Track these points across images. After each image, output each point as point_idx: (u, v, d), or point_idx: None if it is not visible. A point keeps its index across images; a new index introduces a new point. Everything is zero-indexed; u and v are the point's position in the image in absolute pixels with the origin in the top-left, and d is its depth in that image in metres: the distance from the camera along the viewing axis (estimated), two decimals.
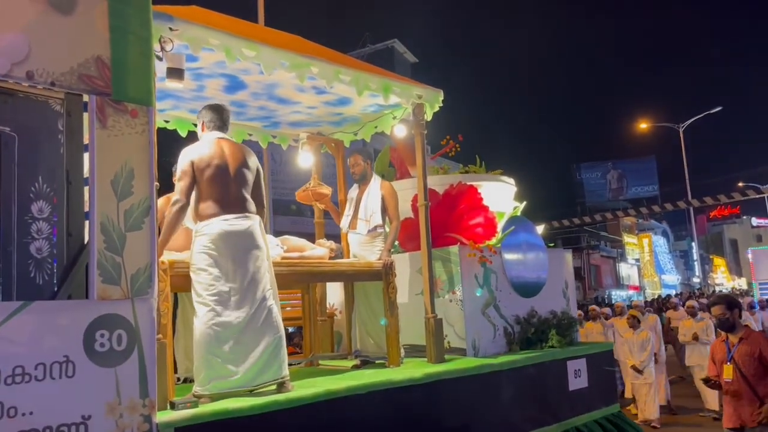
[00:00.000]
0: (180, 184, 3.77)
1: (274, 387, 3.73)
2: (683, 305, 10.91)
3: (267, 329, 3.74)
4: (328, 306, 5.82)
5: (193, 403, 3.34)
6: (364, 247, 5.15)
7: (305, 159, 5.79)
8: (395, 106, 5.23)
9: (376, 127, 5.62)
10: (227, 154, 3.87)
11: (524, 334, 5.65)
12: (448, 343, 5.29)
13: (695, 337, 8.56)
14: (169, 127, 5.19)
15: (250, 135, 5.66)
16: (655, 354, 8.47)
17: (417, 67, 36.14)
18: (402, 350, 5.10)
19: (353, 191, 5.34)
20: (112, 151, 3.00)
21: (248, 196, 3.89)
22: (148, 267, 3.06)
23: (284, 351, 3.81)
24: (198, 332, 3.58)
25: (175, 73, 3.77)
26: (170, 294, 3.66)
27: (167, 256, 4.00)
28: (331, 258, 4.94)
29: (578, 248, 38.54)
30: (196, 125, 5.27)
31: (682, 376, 10.90)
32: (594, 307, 10.63)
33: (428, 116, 5.18)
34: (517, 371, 5.06)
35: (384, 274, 4.83)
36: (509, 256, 5.73)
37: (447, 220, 5.87)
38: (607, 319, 9.80)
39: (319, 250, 4.80)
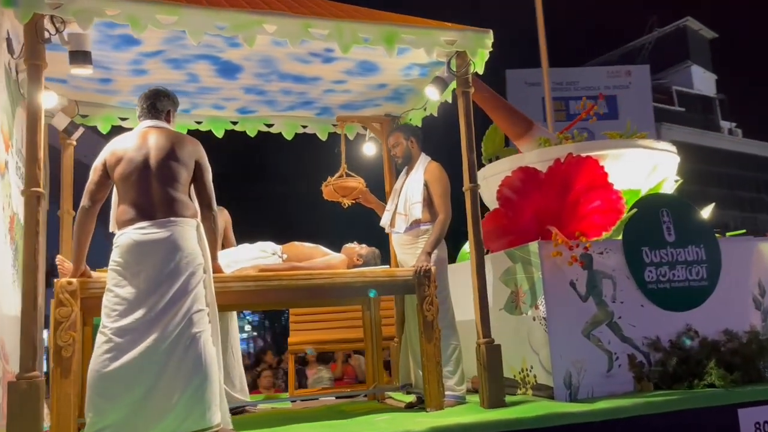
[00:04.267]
0: (87, 185, 3.17)
1: None
2: None
3: (187, 364, 2.89)
4: None
5: None
6: (405, 249, 3.97)
7: (370, 149, 4.81)
8: (439, 63, 3.98)
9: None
10: (150, 146, 3.14)
11: (665, 366, 3.85)
12: (534, 377, 3.81)
13: None
14: (202, 128, 4.68)
15: (305, 127, 4.87)
16: None
17: (716, 43, 31.68)
18: (465, 386, 3.81)
19: (400, 180, 4.20)
20: None
21: (179, 196, 3.10)
22: None
23: (212, 392, 2.91)
24: (90, 367, 2.89)
25: (80, 57, 3.19)
26: (80, 321, 3.04)
27: None
28: (354, 266, 3.90)
29: None
30: (235, 122, 4.77)
31: None
32: None
33: (478, 68, 3.82)
34: (629, 425, 3.37)
35: (417, 286, 3.61)
36: (638, 252, 3.99)
37: (559, 208, 4.34)
38: None
39: (331, 258, 3.80)
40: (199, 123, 4.64)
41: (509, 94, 19.17)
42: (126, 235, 3.01)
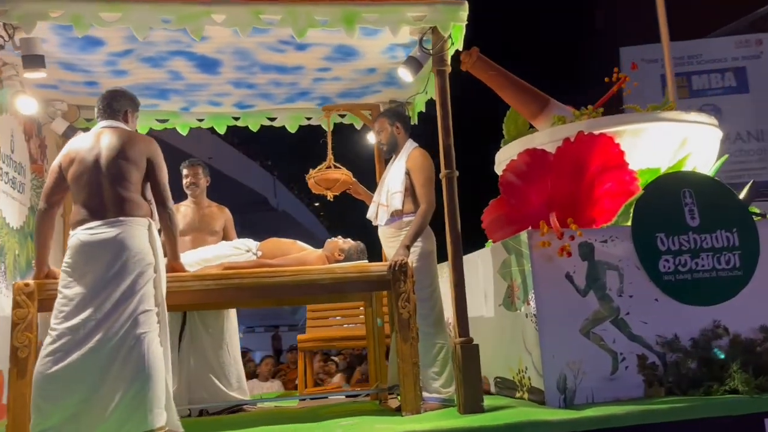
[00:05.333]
0: (44, 187, 3.21)
1: None
2: None
3: (131, 365, 2.85)
4: None
5: None
6: (389, 242, 3.73)
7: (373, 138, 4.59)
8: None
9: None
10: (102, 146, 3.12)
11: (681, 368, 3.38)
12: (529, 379, 3.47)
13: None
14: (204, 125, 4.67)
15: (309, 119, 4.74)
16: None
17: None
18: (453, 387, 3.54)
19: (387, 169, 3.96)
20: None
21: (130, 196, 3.06)
22: None
23: (155, 394, 2.85)
24: (35, 369, 2.91)
25: (33, 60, 3.23)
26: (37, 321, 3.08)
27: None
28: (335, 262, 3.72)
29: None
30: (237, 118, 4.73)
31: None
32: None
33: (456, 44, 3.53)
34: None
35: (392, 282, 3.38)
36: (651, 239, 3.53)
37: (574, 193, 3.94)
38: None
39: (305, 254, 3.65)
40: (201, 120, 4.64)
41: (624, 73, 18.01)
42: (75, 236, 3.02)
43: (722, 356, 3.29)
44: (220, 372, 4.08)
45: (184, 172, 4.36)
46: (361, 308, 4.93)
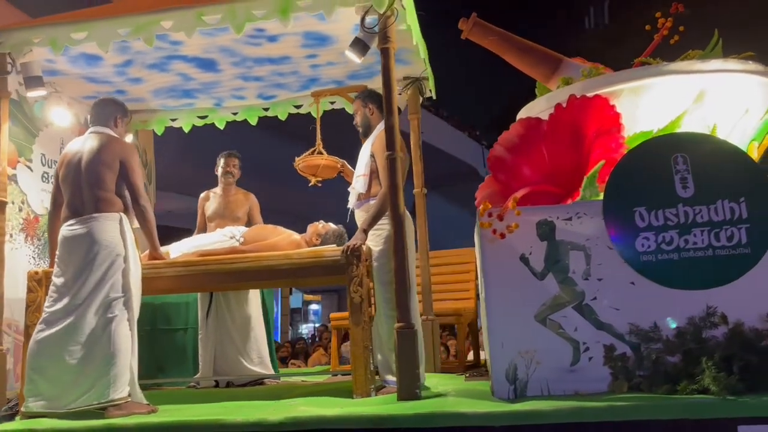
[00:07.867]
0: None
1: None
2: None
3: (100, 345, 3.27)
4: None
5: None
6: None
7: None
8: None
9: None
10: (84, 150, 3.54)
11: (656, 362, 2.95)
12: (490, 367, 3.28)
13: None
14: (239, 118, 4.98)
15: (332, 103, 4.82)
16: None
17: None
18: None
19: None
20: None
21: (103, 195, 3.45)
22: None
23: (119, 369, 3.23)
24: (29, 345, 3.43)
25: (33, 81, 3.75)
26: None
27: None
28: (313, 245, 3.81)
29: None
30: (267, 108, 4.99)
31: None
32: None
33: (409, 19, 3.39)
34: None
35: (346, 266, 3.40)
36: (627, 215, 3.10)
37: (575, 163, 3.62)
38: None
39: (280, 239, 3.78)
40: (235, 114, 4.96)
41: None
42: (60, 233, 3.49)
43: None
44: (241, 348, 4.41)
45: (222, 161, 4.70)
46: None
